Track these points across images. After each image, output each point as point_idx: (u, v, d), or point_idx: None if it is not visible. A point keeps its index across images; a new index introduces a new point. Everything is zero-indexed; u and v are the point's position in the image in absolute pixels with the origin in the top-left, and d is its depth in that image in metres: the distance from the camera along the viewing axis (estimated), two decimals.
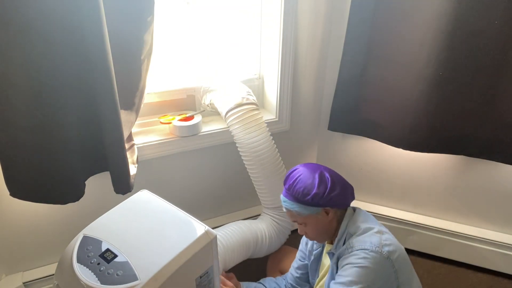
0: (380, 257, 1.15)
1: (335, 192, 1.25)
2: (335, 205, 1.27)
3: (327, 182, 1.26)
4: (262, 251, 1.66)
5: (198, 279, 1.05)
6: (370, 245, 1.17)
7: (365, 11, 1.57)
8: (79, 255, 1.00)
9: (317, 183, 1.24)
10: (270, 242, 1.65)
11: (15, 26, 1.01)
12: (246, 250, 1.58)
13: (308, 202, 1.24)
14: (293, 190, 1.26)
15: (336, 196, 1.25)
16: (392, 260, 1.16)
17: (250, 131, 1.50)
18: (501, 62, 1.45)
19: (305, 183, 1.25)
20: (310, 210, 1.26)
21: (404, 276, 1.20)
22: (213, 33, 1.64)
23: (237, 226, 1.59)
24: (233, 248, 1.51)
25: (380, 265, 1.15)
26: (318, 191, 1.24)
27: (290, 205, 1.28)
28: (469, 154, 1.67)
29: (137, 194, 1.20)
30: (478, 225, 1.88)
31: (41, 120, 1.13)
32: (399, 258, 1.18)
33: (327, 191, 1.24)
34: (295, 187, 1.26)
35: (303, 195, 1.24)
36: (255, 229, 1.62)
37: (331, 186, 1.25)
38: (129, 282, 0.91)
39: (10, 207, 1.40)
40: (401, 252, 1.21)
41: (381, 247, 1.17)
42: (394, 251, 1.18)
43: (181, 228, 1.05)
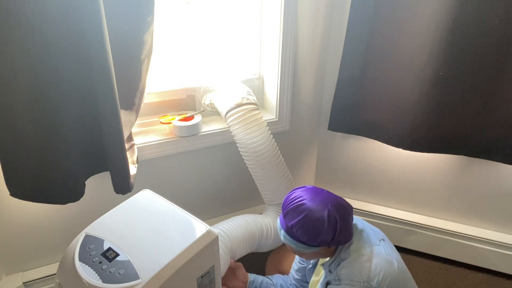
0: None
1: (342, 233, 1.17)
2: (337, 243, 1.20)
3: (336, 225, 1.15)
4: (267, 244, 1.65)
5: (199, 278, 1.05)
6: (359, 278, 1.13)
7: (365, 11, 1.57)
8: (81, 253, 1.00)
9: (326, 228, 1.13)
10: (275, 235, 1.65)
11: (15, 26, 1.01)
12: (251, 242, 1.57)
13: (312, 245, 1.17)
14: (296, 231, 1.16)
15: (343, 236, 1.18)
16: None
17: (251, 131, 1.50)
18: (501, 62, 1.45)
19: (310, 229, 1.14)
20: (311, 249, 1.20)
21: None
22: (213, 33, 1.64)
23: (242, 219, 1.58)
24: (238, 240, 1.51)
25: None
26: (326, 237, 1.15)
27: (290, 242, 1.20)
28: (469, 154, 1.67)
29: (139, 193, 1.20)
30: (478, 225, 1.89)
31: (41, 120, 1.13)
32: (392, 282, 1.14)
33: (335, 236, 1.15)
34: (299, 228, 1.15)
35: (309, 240, 1.15)
36: (260, 222, 1.61)
37: (339, 229, 1.16)
38: (131, 281, 0.92)
39: (10, 207, 1.39)
40: (395, 273, 1.16)
41: (369, 281, 1.12)
42: (386, 277, 1.13)
43: (182, 228, 1.06)
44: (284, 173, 1.60)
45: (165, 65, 1.59)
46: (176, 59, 1.62)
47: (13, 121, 1.11)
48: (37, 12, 1.01)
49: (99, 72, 1.13)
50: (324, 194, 1.21)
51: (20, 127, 1.12)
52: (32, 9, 1.01)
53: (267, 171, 1.55)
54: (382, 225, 1.98)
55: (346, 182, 2.04)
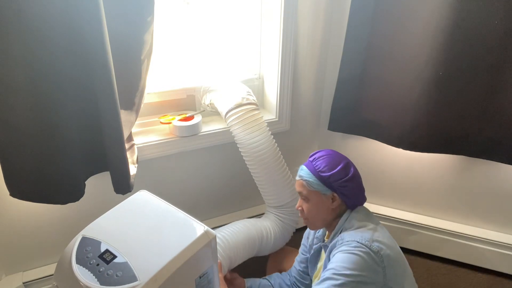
0: (369, 250, 1.15)
1: (351, 184, 1.27)
2: (345, 196, 1.27)
3: (350, 171, 1.28)
4: (267, 249, 1.66)
5: (197, 279, 1.05)
6: (361, 239, 1.18)
7: (365, 11, 1.56)
8: (78, 256, 0.99)
9: (340, 167, 1.27)
10: (275, 239, 1.65)
11: (15, 27, 1.01)
12: (251, 248, 1.57)
13: (323, 178, 1.26)
14: (315, 163, 1.29)
15: (350, 188, 1.27)
16: (382, 255, 1.16)
17: (251, 131, 1.50)
18: (501, 62, 1.45)
19: (329, 162, 1.28)
20: (320, 187, 1.27)
21: (394, 276, 1.18)
22: (213, 33, 1.64)
23: (242, 224, 1.59)
24: (238, 246, 1.51)
25: (369, 257, 1.15)
26: (337, 173, 1.26)
27: (305, 173, 1.29)
28: (469, 154, 1.67)
29: (136, 194, 1.19)
30: (478, 225, 1.88)
31: (41, 120, 1.13)
32: (390, 257, 1.17)
33: (345, 178, 1.26)
34: (319, 160, 1.29)
35: (322, 170, 1.27)
36: (260, 226, 1.62)
37: (351, 177, 1.27)
38: (129, 283, 0.91)
39: (10, 207, 1.40)
40: (394, 253, 1.20)
41: (371, 242, 1.17)
42: (385, 249, 1.17)
43: (180, 228, 1.05)
44: (285, 173, 1.60)
45: (165, 65, 1.59)
46: (176, 59, 1.61)
47: (13, 121, 1.11)
48: (37, 12, 1.01)
49: (99, 72, 1.13)
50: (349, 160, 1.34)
51: (20, 127, 1.12)
52: (32, 9, 1.01)
53: (268, 171, 1.55)
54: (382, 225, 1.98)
55: None
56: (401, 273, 1.23)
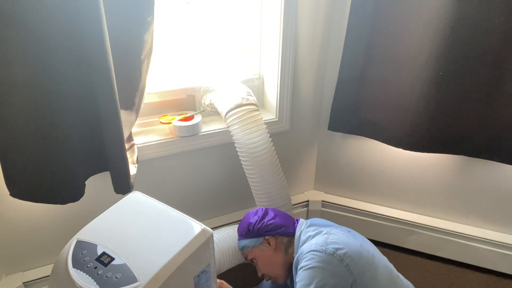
0: (326, 255, 1.17)
1: (267, 218, 1.39)
2: (273, 232, 1.37)
3: (260, 211, 1.42)
4: None
5: (196, 277, 1.05)
6: (316, 246, 1.20)
7: (365, 11, 1.56)
8: (74, 260, 0.97)
9: (251, 215, 1.43)
10: None
11: (15, 26, 1.01)
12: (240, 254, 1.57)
13: (247, 234, 1.40)
14: (238, 229, 1.44)
15: (271, 222, 1.38)
16: (340, 255, 1.17)
17: (250, 132, 1.50)
18: (501, 62, 1.45)
19: (243, 219, 1.44)
20: (252, 242, 1.39)
21: (362, 270, 1.19)
22: (213, 33, 1.64)
23: (233, 230, 1.59)
24: (226, 251, 1.51)
25: (327, 263, 1.17)
26: (252, 221, 1.40)
27: (240, 243, 1.43)
28: (469, 154, 1.67)
29: (129, 195, 1.17)
30: (478, 225, 1.88)
31: (40, 120, 1.13)
32: (349, 254, 1.19)
33: (259, 219, 1.39)
34: (239, 226, 1.45)
35: (242, 229, 1.41)
36: None
37: (263, 214, 1.41)
38: (129, 284, 0.90)
39: (10, 207, 1.40)
40: (351, 248, 1.21)
41: (325, 246, 1.19)
42: (342, 247, 1.19)
43: (177, 228, 1.05)
44: (279, 175, 1.59)
45: (165, 65, 1.59)
46: (176, 59, 1.61)
47: (13, 121, 1.11)
48: (38, 12, 1.01)
49: (99, 72, 1.13)
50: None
51: (20, 127, 1.12)
52: (33, 9, 1.01)
53: (264, 172, 1.55)
54: (382, 225, 1.98)
55: (346, 182, 2.04)
56: (369, 266, 1.23)
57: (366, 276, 1.19)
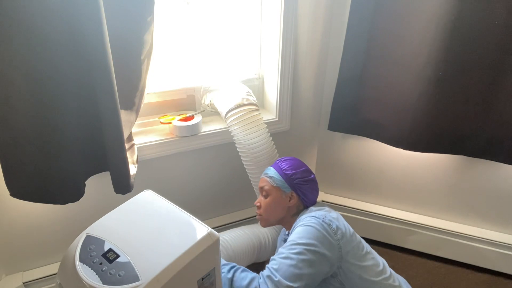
0: (322, 222, 1.25)
1: (310, 185, 1.41)
2: (303, 195, 1.39)
3: (309, 174, 1.42)
4: (266, 254, 1.66)
5: (200, 280, 1.05)
6: (314, 215, 1.29)
7: (365, 11, 1.56)
8: (81, 254, 1.00)
9: (302, 169, 1.42)
10: (273, 244, 1.66)
11: (15, 26, 1.00)
12: (251, 254, 1.59)
13: (286, 175, 1.39)
14: (281, 163, 1.43)
15: (309, 189, 1.40)
16: (335, 228, 1.25)
17: (250, 132, 1.50)
18: (501, 62, 1.45)
19: (293, 163, 1.42)
20: (281, 183, 1.39)
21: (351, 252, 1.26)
22: (213, 33, 1.64)
23: (241, 231, 1.60)
24: (239, 250, 1.53)
25: (322, 228, 1.24)
26: (299, 173, 1.40)
27: (271, 171, 1.42)
28: (469, 154, 1.67)
29: (141, 194, 1.19)
30: (478, 225, 1.89)
31: (41, 120, 1.13)
32: (343, 232, 1.26)
33: (305, 179, 1.40)
34: (284, 162, 1.43)
35: (286, 169, 1.40)
36: (258, 233, 1.63)
37: (310, 179, 1.41)
38: (131, 282, 0.91)
39: (10, 207, 1.39)
40: (345, 228, 1.29)
41: (324, 217, 1.27)
42: (337, 223, 1.27)
43: (184, 229, 1.05)
44: None
45: (165, 65, 1.59)
46: (176, 59, 1.61)
47: (14, 121, 1.10)
48: (38, 12, 1.01)
49: (99, 72, 1.13)
50: None
51: (20, 127, 1.12)
52: (33, 9, 1.00)
53: None
54: (382, 225, 1.98)
55: (346, 182, 2.04)
56: (358, 250, 1.29)
57: (353, 258, 1.26)
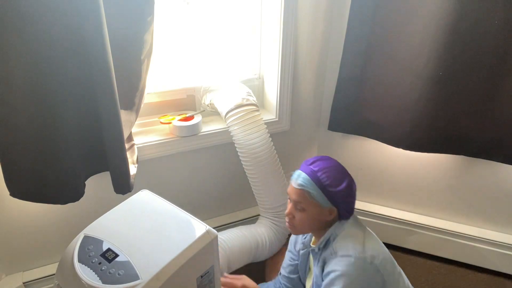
0: (364, 263, 1.15)
1: (351, 199, 1.25)
2: (343, 211, 1.25)
3: (353, 188, 1.26)
4: (263, 255, 1.67)
5: (199, 278, 1.05)
6: (353, 252, 1.17)
7: (365, 11, 1.57)
8: (80, 254, 1.00)
9: (346, 183, 1.23)
10: (270, 245, 1.66)
11: (15, 26, 1.00)
12: (248, 254, 1.59)
13: (330, 193, 1.21)
14: (320, 174, 1.22)
15: (350, 204, 1.26)
16: (376, 264, 1.17)
17: (250, 132, 1.50)
18: (501, 62, 1.45)
19: (334, 176, 1.22)
20: (321, 200, 1.21)
21: (390, 277, 1.21)
22: (213, 33, 1.64)
23: (239, 231, 1.59)
24: (235, 250, 1.52)
25: (363, 270, 1.15)
26: (344, 190, 1.22)
27: (308, 183, 1.22)
28: (469, 154, 1.67)
29: (138, 194, 1.20)
30: (478, 225, 1.88)
31: (40, 120, 1.13)
32: (383, 262, 1.19)
33: (349, 195, 1.23)
34: (325, 172, 1.22)
35: (329, 185, 1.21)
36: (255, 234, 1.63)
37: (353, 194, 1.26)
38: (131, 281, 0.91)
39: (10, 207, 1.39)
40: (385, 256, 1.22)
41: (364, 253, 1.17)
42: (377, 256, 1.18)
43: (182, 228, 1.05)
44: (280, 176, 1.60)
45: (165, 65, 1.59)
46: (176, 59, 1.61)
47: (13, 121, 1.11)
48: (38, 12, 1.01)
49: (99, 72, 1.13)
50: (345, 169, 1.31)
51: (20, 127, 1.12)
52: (33, 9, 1.01)
53: (264, 173, 1.55)
54: (382, 225, 1.98)
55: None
56: (396, 272, 1.25)
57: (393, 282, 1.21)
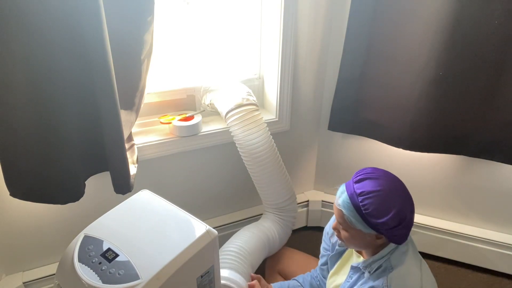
0: None
1: (402, 230, 1.10)
2: (392, 239, 1.11)
3: (403, 219, 1.09)
4: (275, 247, 1.69)
5: (199, 278, 1.05)
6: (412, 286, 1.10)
7: (365, 11, 1.56)
8: (80, 254, 1.00)
9: (393, 213, 1.06)
10: (280, 238, 1.68)
11: (14, 26, 1.01)
12: (263, 251, 1.60)
13: (369, 222, 1.08)
14: (363, 200, 1.08)
15: (401, 233, 1.11)
16: None
17: (250, 132, 1.50)
18: (501, 62, 1.45)
19: (380, 203, 1.07)
20: (364, 228, 1.10)
21: None
22: (213, 33, 1.64)
23: (248, 232, 1.60)
24: (255, 252, 1.53)
25: None
26: (389, 220, 1.06)
27: (348, 209, 1.11)
28: (469, 154, 1.67)
29: (138, 193, 1.20)
30: (478, 225, 1.88)
31: (41, 120, 1.13)
32: None
33: (396, 227, 1.08)
34: (368, 198, 1.08)
35: (370, 215, 1.07)
36: (263, 230, 1.63)
37: (403, 225, 1.09)
38: (131, 281, 0.91)
39: (10, 207, 1.39)
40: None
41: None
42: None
43: (182, 228, 1.06)
44: (283, 174, 1.60)
45: (165, 65, 1.59)
46: (176, 59, 1.61)
47: (13, 121, 1.11)
48: (38, 12, 1.01)
49: (99, 72, 1.13)
50: (401, 184, 1.17)
51: (20, 127, 1.12)
52: (33, 9, 1.01)
53: (266, 172, 1.55)
54: None
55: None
56: None
57: None
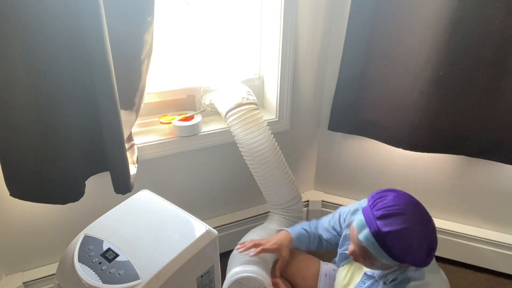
0: None
1: (428, 260, 1.07)
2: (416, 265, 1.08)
3: (431, 250, 1.06)
4: None
5: (199, 278, 1.05)
6: None
7: (365, 11, 1.56)
8: (80, 254, 1.00)
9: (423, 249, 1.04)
10: None
11: (14, 26, 1.00)
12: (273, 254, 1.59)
13: (398, 258, 1.04)
14: (391, 240, 1.02)
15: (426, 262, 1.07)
16: None
17: (251, 131, 1.50)
18: (501, 62, 1.45)
19: (410, 244, 1.02)
20: (390, 261, 1.06)
21: None
22: (213, 33, 1.64)
23: (257, 235, 1.59)
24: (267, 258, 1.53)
25: None
26: (418, 257, 1.04)
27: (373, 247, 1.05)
28: (469, 154, 1.67)
29: (138, 194, 1.20)
30: (478, 225, 1.88)
31: (41, 120, 1.13)
32: None
33: (420, 263, 1.06)
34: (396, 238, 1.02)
35: (399, 253, 1.02)
36: (271, 232, 1.63)
37: (428, 261, 1.07)
38: (131, 281, 0.92)
39: (10, 207, 1.39)
40: None
41: None
42: None
43: (182, 228, 1.06)
44: (286, 172, 1.59)
45: (165, 65, 1.59)
46: (176, 59, 1.62)
47: (13, 121, 1.11)
48: (38, 12, 1.01)
49: (99, 72, 1.13)
50: (425, 211, 1.13)
51: (20, 127, 1.12)
52: (33, 9, 1.01)
53: (269, 171, 1.55)
54: None
55: (346, 182, 2.04)
56: None
57: None
